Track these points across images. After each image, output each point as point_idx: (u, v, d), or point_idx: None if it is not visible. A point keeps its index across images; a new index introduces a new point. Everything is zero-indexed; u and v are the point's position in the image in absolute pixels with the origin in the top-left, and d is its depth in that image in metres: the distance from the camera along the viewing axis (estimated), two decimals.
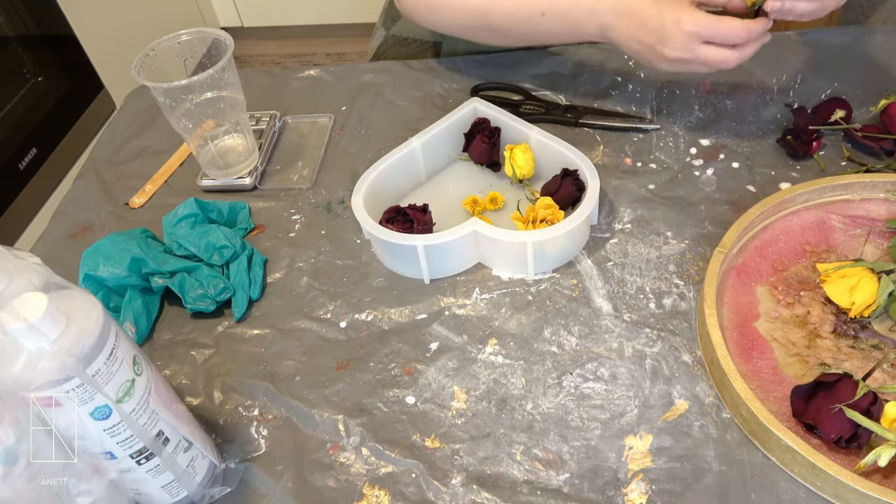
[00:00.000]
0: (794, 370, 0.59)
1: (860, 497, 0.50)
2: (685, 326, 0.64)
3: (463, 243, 0.69)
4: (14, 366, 0.43)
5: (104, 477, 0.50)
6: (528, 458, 0.57)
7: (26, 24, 1.65)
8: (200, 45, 0.79)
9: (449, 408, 0.61)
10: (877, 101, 0.79)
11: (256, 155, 0.85)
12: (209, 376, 0.66)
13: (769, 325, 0.62)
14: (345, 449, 0.59)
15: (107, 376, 0.46)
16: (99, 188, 0.87)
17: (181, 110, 0.77)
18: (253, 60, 2.53)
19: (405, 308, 0.69)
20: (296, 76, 0.98)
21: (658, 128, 0.81)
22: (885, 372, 0.58)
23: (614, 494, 0.54)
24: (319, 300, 0.71)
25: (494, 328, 0.66)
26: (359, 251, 0.75)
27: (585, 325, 0.65)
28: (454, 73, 0.94)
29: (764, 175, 0.76)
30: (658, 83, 0.88)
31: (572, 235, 0.68)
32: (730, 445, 0.56)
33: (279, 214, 0.80)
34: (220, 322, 0.70)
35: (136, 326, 0.68)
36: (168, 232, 0.74)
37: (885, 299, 0.59)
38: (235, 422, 0.62)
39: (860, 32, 0.90)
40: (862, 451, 0.53)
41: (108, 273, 0.68)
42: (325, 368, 0.65)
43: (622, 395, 0.60)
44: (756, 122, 0.82)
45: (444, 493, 0.56)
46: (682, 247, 0.70)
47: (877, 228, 0.67)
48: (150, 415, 0.50)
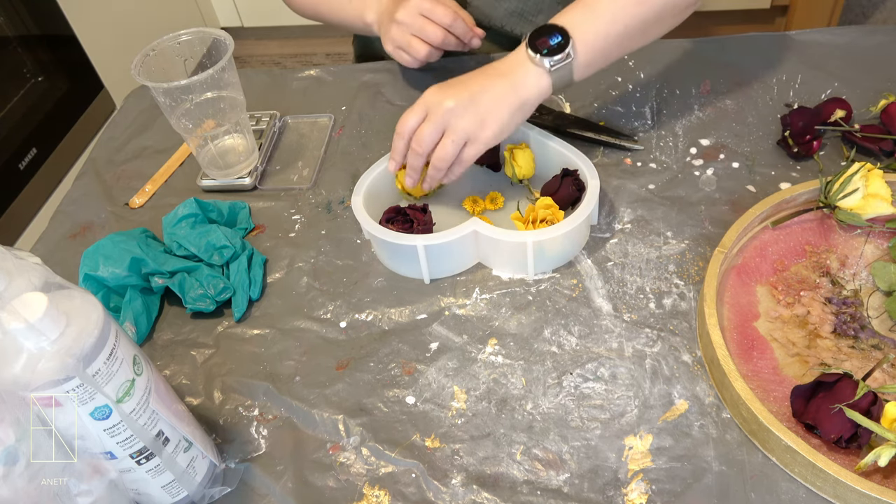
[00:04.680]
0: (794, 370, 0.59)
1: (860, 497, 0.50)
2: (685, 326, 0.64)
3: (463, 243, 0.69)
4: (14, 366, 0.43)
5: (104, 477, 0.50)
6: (528, 458, 0.57)
7: (26, 24, 1.65)
8: (200, 45, 0.79)
9: (449, 408, 0.61)
10: (877, 101, 0.79)
11: (256, 155, 0.85)
12: (209, 376, 0.66)
13: (769, 325, 0.62)
14: (345, 449, 0.59)
15: (107, 376, 0.46)
16: (99, 188, 0.87)
17: (181, 110, 0.77)
18: (253, 60, 2.53)
19: (405, 308, 0.69)
20: (296, 76, 0.98)
21: (641, 149, 0.80)
22: (885, 372, 0.58)
23: (614, 494, 0.54)
24: (319, 300, 0.71)
25: (494, 328, 0.66)
26: (359, 251, 0.75)
27: (585, 325, 0.65)
28: (454, 73, 0.94)
29: (764, 175, 0.76)
30: (658, 83, 0.88)
31: (572, 235, 0.68)
32: (730, 445, 0.56)
33: (279, 214, 0.80)
34: (220, 322, 0.70)
35: (136, 326, 0.68)
36: (168, 232, 0.74)
37: (886, 300, 0.59)
38: (235, 422, 0.62)
39: (860, 32, 0.90)
40: (862, 451, 0.53)
41: (108, 273, 0.68)
42: (325, 368, 0.65)
43: (622, 395, 0.60)
44: (756, 122, 0.82)
45: (444, 493, 0.56)
46: (682, 247, 0.70)
47: (877, 228, 0.67)
48: (150, 415, 0.50)
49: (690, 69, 0.89)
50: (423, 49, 0.81)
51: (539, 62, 0.66)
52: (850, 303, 0.63)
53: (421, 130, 0.68)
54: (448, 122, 0.67)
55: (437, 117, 0.67)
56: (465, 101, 0.66)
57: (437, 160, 0.68)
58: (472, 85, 0.68)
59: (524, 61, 0.67)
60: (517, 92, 0.67)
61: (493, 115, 0.67)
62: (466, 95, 0.67)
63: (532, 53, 0.66)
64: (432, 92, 0.68)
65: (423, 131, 0.68)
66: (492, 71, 0.69)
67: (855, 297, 0.63)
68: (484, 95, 0.67)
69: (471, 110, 0.66)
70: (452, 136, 0.67)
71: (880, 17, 1.99)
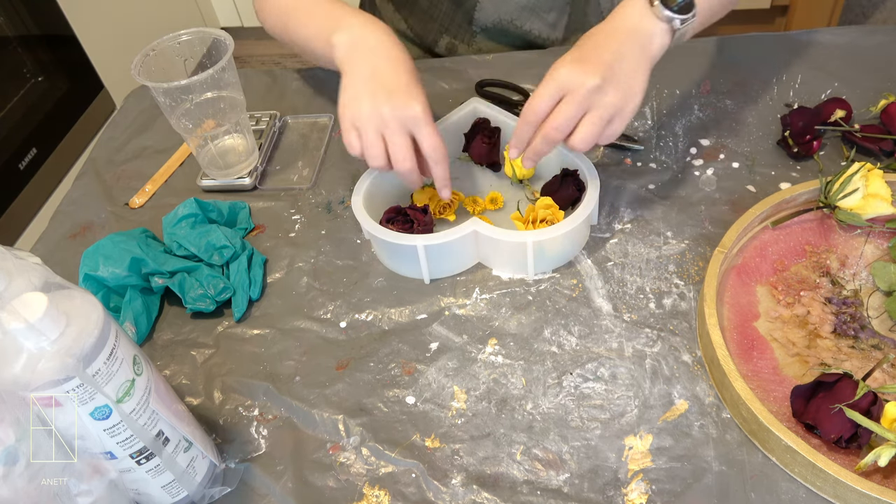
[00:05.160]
0: (794, 370, 0.59)
1: (860, 497, 0.50)
2: (685, 326, 0.64)
3: (463, 243, 0.69)
4: (14, 366, 0.43)
5: (104, 477, 0.50)
6: (528, 458, 0.57)
7: (26, 24, 1.65)
8: (200, 45, 0.79)
9: (449, 408, 0.61)
10: (877, 101, 0.79)
11: (256, 155, 0.85)
12: (209, 376, 0.66)
13: (769, 325, 0.62)
14: (345, 449, 0.59)
15: (107, 376, 0.46)
16: (99, 188, 0.87)
17: (181, 110, 0.77)
18: (253, 60, 2.53)
19: (405, 308, 0.69)
20: (296, 76, 0.98)
21: (641, 149, 0.81)
22: (885, 372, 0.58)
23: (614, 494, 0.54)
24: (319, 300, 0.71)
25: (494, 328, 0.66)
26: (359, 251, 0.75)
27: (585, 325, 0.65)
28: (454, 73, 0.94)
29: (764, 175, 0.76)
30: (658, 83, 0.88)
31: (572, 235, 0.68)
32: (730, 445, 0.56)
33: (279, 214, 0.80)
34: (220, 322, 0.70)
35: (136, 326, 0.68)
36: (168, 232, 0.74)
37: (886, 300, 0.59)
38: (235, 422, 0.62)
39: (860, 32, 0.90)
40: (862, 451, 0.53)
41: (108, 273, 0.68)
42: (325, 368, 0.65)
43: (622, 395, 0.60)
44: (756, 122, 0.82)
45: (444, 493, 0.56)
46: (682, 247, 0.70)
47: (877, 228, 0.67)
48: (150, 415, 0.50)
49: (690, 69, 0.89)
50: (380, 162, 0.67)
51: (667, 18, 0.62)
52: (850, 303, 0.63)
53: (562, 114, 0.62)
54: (593, 102, 0.61)
55: (579, 97, 0.61)
56: (607, 75, 0.61)
57: (581, 143, 0.62)
58: (605, 53, 0.62)
59: (648, 15, 0.63)
60: (648, 52, 0.63)
61: (635, 83, 0.62)
62: (605, 68, 0.61)
63: (663, 10, 0.62)
64: (567, 69, 0.61)
65: (565, 114, 0.61)
66: (618, 29, 0.63)
67: (855, 297, 0.63)
68: (622, 64, 0.62)
69: (614, 84, 0.61)
70: (600, 114, 0.61)
71: (880, 17, 1.99)
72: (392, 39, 0.69)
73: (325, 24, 0.72)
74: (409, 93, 0.65)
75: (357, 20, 0.71)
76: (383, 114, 0.64)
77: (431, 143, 0.66)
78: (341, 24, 0.70)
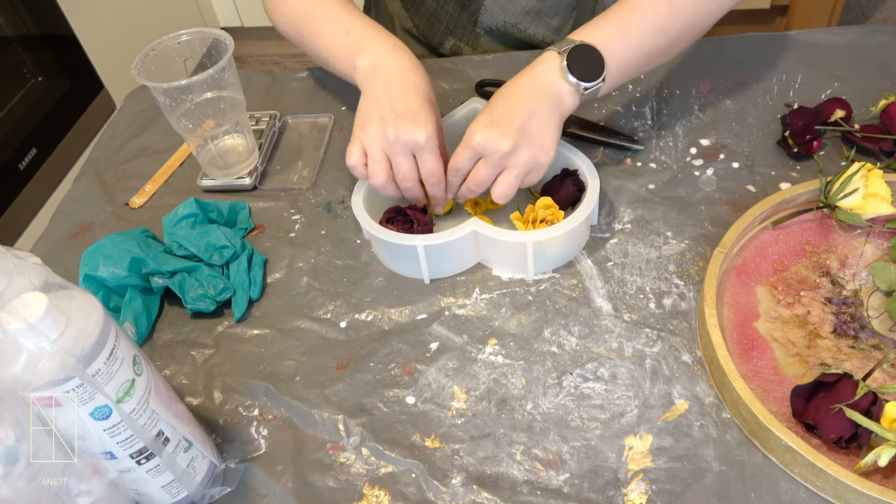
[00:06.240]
0: (794, 370, 0.59)
1: (860, 497, 0.50)
2: (685, 326, 0.64)
3: (463, 243, 0.69)
4: (14, 366, 0.43)
5: (104, 477, 0.50)
6: (528, 458, 0.57)
7: (26, 24, 1.65)
8: (200, 45, 0.79)
9: (449, 408, 0.61)
10: (877, 101, 0.79)
11: (256, 155, 0.85)
12: (209, 376, 0.66)
13: (769, 325, 0.62)
14: (345, 449, 0.59)
15: (107, 376, 0.46)
16: (99, 188, 0.87)
17: (181, 110, 0.77)
18: (253, 60, 2.53)
19: (405, 308, 0.69)
20: (296, 76, 0.98)
21: (641, 149, 0.81)
22: (885, 372, 0.58)
23: (614, 494, 0.54)
24: (319, 300, 0.71)
25: (494, 328, 0.66)
26: (359, 251, 0.75)
27: (585, 325, 0.65)
28: (454, 73, 0.94)
29: (764, 175, 0.76)
30: (658, 83, 0.88)
31: (572, 235, 0.68)
32: (730, 445, 0.56)
33: (279, 214, 0.80)
34: (220, 322, 0.70)
35: (136, 326, 0.68)
36: (168, 232, 0.74)
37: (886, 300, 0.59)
38: (235, 422, 0.62)
39: (860, 32, 0.90)
40: (862, 451, 0.53)
41: (108, 273, 0.68)
42: (325, 368, 0.65)
43: (622, 395, 0.60)
44: (756, 122, 0.82)
45: (444, 493, 0.56)
46: (682, 247, 0.70)
47: (877, 228, 0.67)
48: (150, 415, 0.50)
49: (690, 69, 0.89)
50: (381, 180, 0.69)
51: (574, 84, 0.65)
52: (850, 303, 0.63)
53: (479, 175, 0.67)
54: (506, 163, 0.66)
55: (493, 161, 0.65)
56: (517, 138, 0.64)
57: (500, 198, 0.67)
58: (516, 115, 0.65)
59: (559, 76, 0.66)
60: (558, 109, 0.66)
61: (547, 138, 0.66)
62: (516, 130, 0.64)
63: (570, 75, 0.65)
64: (481, 135, 0.65)
65: (482, 176, 0.67)
66: (531, 86, 0.66)
67: (855, 297, 0.63)
68: (533, 123, 0.65)
69: (526, 143, 0.65)
70: (515, 173, 0.66)
71: (880, 17, 1.99)
72: (412, 64, 0.72)
73: (347, 41, 0.75)
74: (416, 118, 0.67)
75: (381, 44, 0.73)
76: (389, 135, 0.67)
77: (428, 169, 0.69)
78: (365, 46, 0.73)
